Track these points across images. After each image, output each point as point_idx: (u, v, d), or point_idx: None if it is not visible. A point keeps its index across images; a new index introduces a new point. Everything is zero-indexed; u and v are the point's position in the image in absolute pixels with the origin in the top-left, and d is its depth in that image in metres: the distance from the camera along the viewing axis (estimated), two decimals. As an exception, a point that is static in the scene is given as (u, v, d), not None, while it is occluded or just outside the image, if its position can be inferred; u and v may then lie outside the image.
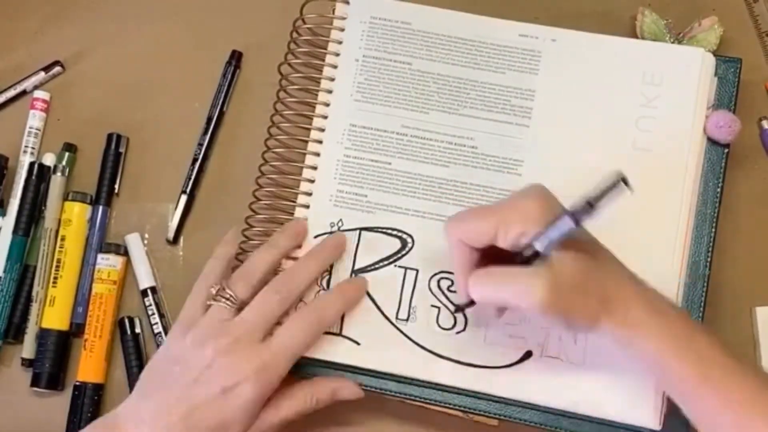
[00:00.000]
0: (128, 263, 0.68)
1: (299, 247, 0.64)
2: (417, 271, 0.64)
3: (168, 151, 0.70)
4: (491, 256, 0.56)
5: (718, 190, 0.65)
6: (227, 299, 0.59)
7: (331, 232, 0.64)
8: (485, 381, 0.62)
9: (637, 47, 0.67)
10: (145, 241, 0.69)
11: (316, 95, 0.66)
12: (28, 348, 0.66)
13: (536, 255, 0.53)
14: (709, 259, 0.64)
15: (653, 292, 0.55)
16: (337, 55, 0.67)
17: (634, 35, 0.70)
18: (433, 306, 0.63)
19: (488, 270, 0.55)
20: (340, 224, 0.64)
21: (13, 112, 0.71)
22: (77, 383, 0.65)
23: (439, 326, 0.63)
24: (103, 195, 0.68)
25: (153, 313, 0.66)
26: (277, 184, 0.66)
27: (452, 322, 0.63)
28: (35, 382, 0.65)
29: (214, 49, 0.71)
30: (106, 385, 0.66)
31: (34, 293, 0.67)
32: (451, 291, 0.63)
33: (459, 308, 0.61)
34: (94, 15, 0.73)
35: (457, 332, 0.63)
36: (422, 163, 0.65)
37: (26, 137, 0.69)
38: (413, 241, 0.64)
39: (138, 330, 0.67)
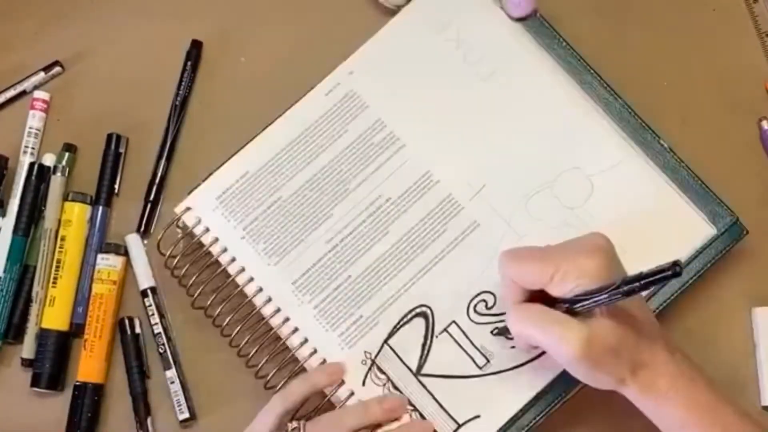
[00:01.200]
0: (128, 263, 0.68)
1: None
2: (454, 321, 0.63)
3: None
4: (537, 291, 0.57)
5: (563, 42, 0.67)
6: None
7: (369, 368, 0.62)
8: None
9: (408, 17, 0.68)
10: (145, 241, 0.69)
11: (245, 294, 0.63)
12: (28, 348, 0.66)
13: (577, 309, 0.54)
14: (621, 101, 0.66)
15: (683, 358, 0.56)
16: (225, 250, 0.64)
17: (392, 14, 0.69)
18: (492, 332, 0.63)
19: (531, 309, 0.56)
20: (368, 355, 0.63)
21: (13, 112, 0.71)
22: (77, 383, 0.66)
23: (512, 339, 0.62)
24: (103, 195, 0.68)
25: (153, 314, 0.67)
26: (280, 362, 0.63)
27: None
28: (35, 382, 0.66)
29: (214, 48, 0.71)
30: (106, 385, 0.67)
31: (33, 293, 0.67)
32: (489, 308, 0.63)
33: (500, 332, 0.62)
34: (94, 15, 0.73)
35: None
36: (369, 251, 0.64)
37: (26, 137, 0.70)
38: (428, 306, 0.63)
39: (138, 330, 0.67)
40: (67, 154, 0.69)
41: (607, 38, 0.71)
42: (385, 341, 0.63)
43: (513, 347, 0.62)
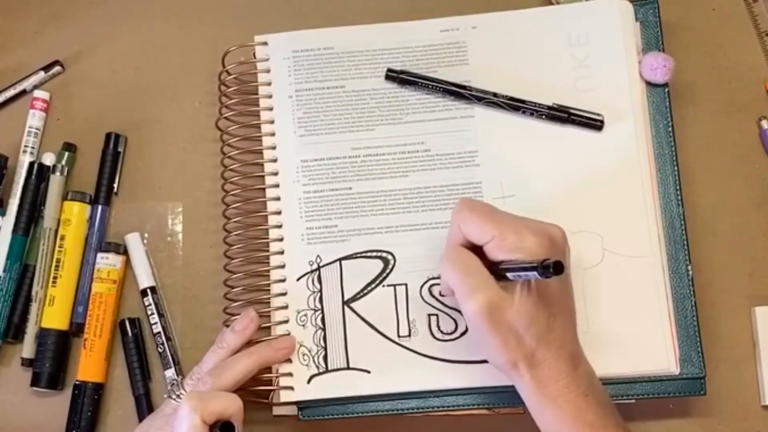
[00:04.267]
0: (128, 262, 0.68)
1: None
2: (405, 285, 0.64)
3: (167, 150, 0.70)
4: (478, 248, 0.57)
5: (669, 129, 0.66)
6: (177, 396, 0.60)
7: (312, 271, 0.64)
8: (500, 373, 0.62)
9: (555, 13, 0.68)
10: (145, 241, 0.69)
11: (260, 141, 0.66)
12: (28, 348, 0.66)
13: (502, 275, 0.54)
14: (679, 197, 0.65)
15: (586, 373, 0.56)
16: (270, 96, 0.66)
17: (550, 4, 0.70)
18: (430, 315, 0.63)
19: (463, 255, 0.56)
20: (318, 260, 0.64)
21: (13, 111, 0.71)
22: (77, 382, 0.66)
23: (442, 332, 0.63)
24: (102, 194, 0.68)
25: (152, 313, 0.66)
26: (247, 237, 0.65)
27: (453, 325, 0.63)
28: (35, 381, 0.66)
29: (214, 48, 0.71)
30: (106, 384, 0.67)
31: (33, 293, 0.67)
32: (443, 295, 0.63)
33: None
34: (94, 15, 0.73)
35: (461, 333, 0.63)
36: (381, 179, 0.65)
37: (26, 137, 0.70)
38: (394, 257, 0.64)
39: (137, 330, 0.67)
40: (66, 154, 0.69)
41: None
42: (340, 259, 0.64)
43: (437, 339, 0.63)
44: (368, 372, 0.63)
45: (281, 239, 0.64)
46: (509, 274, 0.54)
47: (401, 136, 0.65)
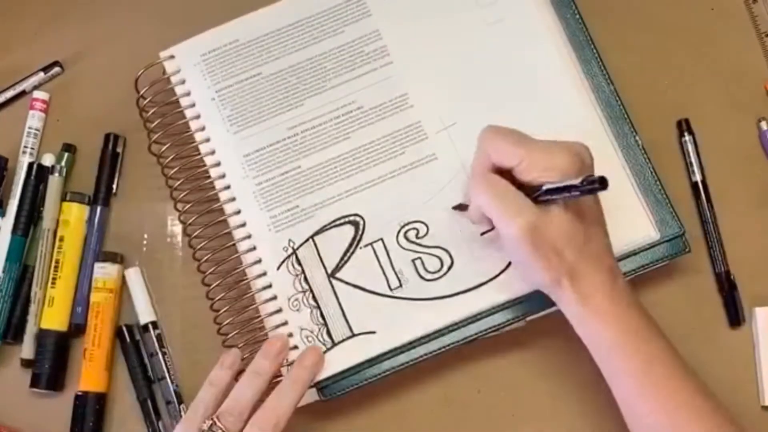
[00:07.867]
0: (124, 276, 0.68)
1: (286, 363, 0.62)
2: (381, 239, 0.64)
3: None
4: (506, 172, 0.58)
5: (578, 17, 0.67)
6: None
7: (289, 256, 0.64)
8: (495, 292, 0.63)
9: None
10: (144, 241, 0.68)
11: (198, 151, 0.66)
12: (27, 348, 0.66)
13: (540, 198, 0.55)
14: (608, 77, 0.66)
15: (624, 285, 0.57)
16: (193, 105, 0.66)
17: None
18: (414, 260, 0.64)
19: (496, 181, 0.57)
20: (292, 244, 0.64)
21: (13, 112, 0.71)
22: (79, 393, 0.65)
23: (429, 272, 0.63)
24: (101, 195, 0.69)
25: (155, 353, 0.66)
26: (214, 249, 0.64)
27: (438, 263, 0.63)
28: (35, 382, 0.66)
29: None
30: (109, 393, 0.66)
31: (32, 294, 0.67)
32: (419, 238, 0.64)
33: (458, 207, 0.63)
34: (93, 15, 0.73)
35: (448, 268, 0.63)
36: (325, 149, 0.65)
37: (25, 137, 0.70)
38: (362, 217, 0.64)
39: (138, 337, 0.67)
40: (66, 155, 0.69)
41: (607, 37, 0.70)
42: (312, 236, 0.64)
43: (428, 280, 0.63)
44: (374, 333, 0.63)
45: (249, 236, 0.64)
46: (552, 197, 0.55)
47: (331, 102, 0.66)
